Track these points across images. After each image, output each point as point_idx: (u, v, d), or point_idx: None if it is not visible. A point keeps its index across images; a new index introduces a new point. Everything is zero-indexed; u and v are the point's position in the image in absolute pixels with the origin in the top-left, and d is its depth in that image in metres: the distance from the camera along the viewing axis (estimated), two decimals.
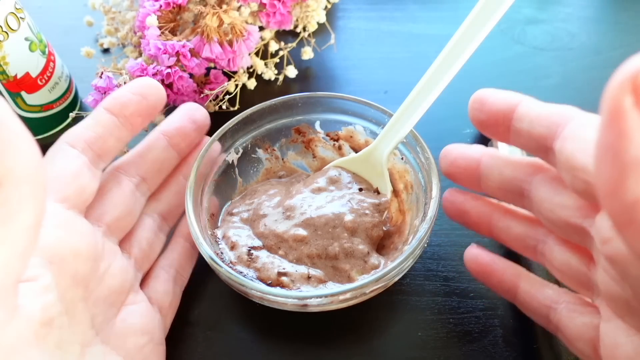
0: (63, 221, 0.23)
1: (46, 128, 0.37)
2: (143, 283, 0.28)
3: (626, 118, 0.13)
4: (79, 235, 0.23)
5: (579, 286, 0.23)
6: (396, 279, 0.26)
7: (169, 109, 0.35)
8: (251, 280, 0.26)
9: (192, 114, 0.30)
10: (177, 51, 0.34)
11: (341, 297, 0.24)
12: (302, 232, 0.28)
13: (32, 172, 0.17)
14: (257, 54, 0.41)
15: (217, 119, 0.34)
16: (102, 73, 0.34)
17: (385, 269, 0.25)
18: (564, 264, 0.23)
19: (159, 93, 0.27)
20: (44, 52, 0.36)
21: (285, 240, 0.28)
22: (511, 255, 0.27)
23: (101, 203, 0.26)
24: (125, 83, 0.34)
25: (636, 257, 0.17)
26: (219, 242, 0.29)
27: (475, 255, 0.26)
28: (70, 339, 0.21)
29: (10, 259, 0.17)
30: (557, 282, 0.25)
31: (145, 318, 0.26)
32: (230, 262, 0.28)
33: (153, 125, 0.35)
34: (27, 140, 0.17)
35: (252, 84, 0.40)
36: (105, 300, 0.24)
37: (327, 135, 0.34)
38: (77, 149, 0.25)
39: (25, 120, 0.36)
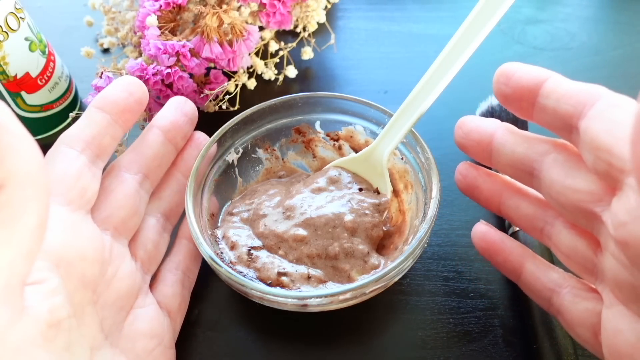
0: (69, 225, 0.23)
1: (46, 128, 0.37)
2: (151, 286, 0.28)
3: None
4: (85, 238, 0.24)
5: (583, 271, 0.22)
6: (396, 279, 0.26)
7: None
8: (251, 280, 0.26)
9: (182, 107, 0.30)
10: (177, 51, 0.34)
11: (341, 297, 0.24)
12: (302, 232, 0.28)
13: (34, 174, 0.17)
14: (257, 54, 0.41)
15: (217, 119, 0.34)
16: (102, 73, 0.34)
17: (385, 269, 0.25)
18: (570, 248, 0.23)
19: (143, 89, 0.28)
20: (44, 52, 0.36)
21: (285, 240, 0.28)
22: None
23: (107, 204, 0.26)
24: None
25: None
26: (219, 242, 0.29)
27: (484, 232, 0.26)
28: (79, 342, 0.21)
29: (15, 259, 0.17)
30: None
31: (154, 321, 0.26)
32: (230, 262, 0.28)
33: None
34: (29, 143, 0.17)
35: (252, 84, 0.40)
36: (114, 304, 0.24)
37: (327, 135, 0.34)
38: (75, 150, 0.25)
39: (25, 120, 0.36)
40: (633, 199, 0.18)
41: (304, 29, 0.42)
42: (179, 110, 0.30)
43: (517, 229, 0.30)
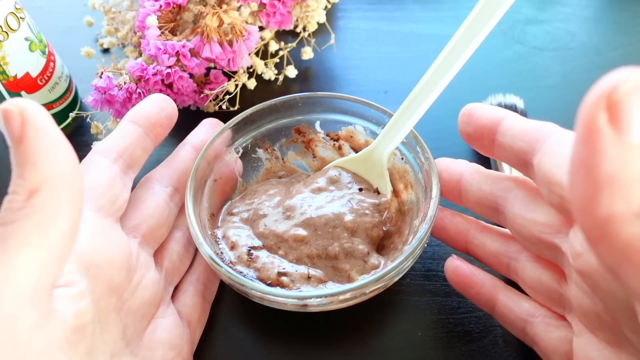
0: (99, 230, 0.23)
1: None
2: (172, 297, 0.28)
3: (600, 134, 0.13)
4: (114, 244, 0.24)
5: (551, 302, 0.23)
6: (396, 279, 0.26)
7: None
8: (251, 280, 0.26)
9: (215, 125, 0.32)
10: (177, 51, 0.34)
11: (341, 297, 0.24)
12: (302, 232, 0.28)
13: (69, 179, 0.17)
14: (257, 54, 0.41)
15: (217, 119, 0.34)
16: (102, 73, 0.34)
17: (385, 269, 0.25)
18: (536, 281, 0.23)
19: (172, 105, 0.29)
20: (44, 52, 0.36)
21: (285, 240, 0.28)
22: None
23: (137, 213, 0.27)
24: (125, 83, 0.34)
25: (607, 271, 0.17)
26: (219, 242, 0.29)
27: (455, 266, 0.27)
28: (100, 348, 0.21)
29: (46, 262, 0.17)
30: None
31: (174, 332, 0.26)
32: (230, 262, 0.28)
33: None
34: (66, 148, 0.18)
35: (252, 84, 0.40)
36: (137, 312, 0.25)
37: (327, 135, 0.34)
38: (108, 160, 0.26)
39: None
40: None
41: (304, 29, 0.42)
42: (212, 131, 0.32)
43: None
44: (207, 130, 0.32)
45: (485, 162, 0.34)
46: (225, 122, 0.32)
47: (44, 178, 0.17)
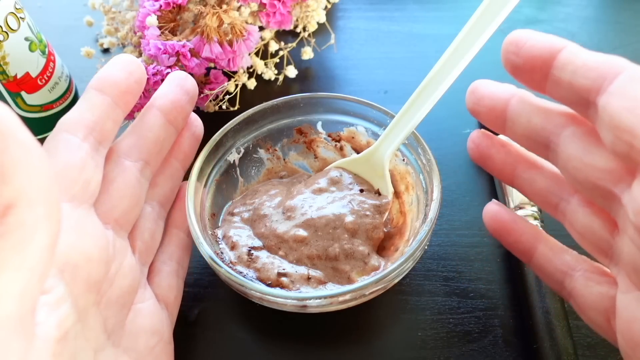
0: (73, 224, 0.22)
1: (46, 128, 0.37)
2: (147, 278, 0.27)
3: None
4: (90, 237, 0.22)
5: (598, 252, 0.21)
6: (396, 280, 0.26)
7: None
8: (251, 280, 0.26)
9: (183, 83, 0.28)
10: (177, 51, 0.34)
11: (341, 299, 0.24)
12: (302, 232, 0.28)
13: (45, 190, 0.15)
14: (257, 54, 0.41)
15: (217, 119, 0.34)
16: None
17: (385, 271, 0.25)
18: (586, 228, 0.21)
19: (141, 68, 0.26)
20: (44, 52, 0.36)
21: (285, 241, 0.28)
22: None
23: (108, 195, 0.24)
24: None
25: None
26: (219, 242, 0.29)
27: (495, 212, 0.25)
28: (83, 347, 0.21)
29: (28, 285, 0.15)
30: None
31: (154, 317, 0.25)
32: (230, 262, 0.28)
33: None
34: (38, 155, 0.15)
35: (252, 84, 0.40)
36: (117, 302, 0.23)
37: (329, 135, 0.34)
38: (77, 137, 0.23)
39: (25, 120, 0.36)
40: None
41: (304, 29, 0.42)
42: (180, 87, 0.28)
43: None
44: (175, 87, 0.28)
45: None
46: (225, 123, 0.32)
47: (18, 193, 0.14)
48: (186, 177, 0.30)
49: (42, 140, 0.37)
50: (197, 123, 0.30)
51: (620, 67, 0.18)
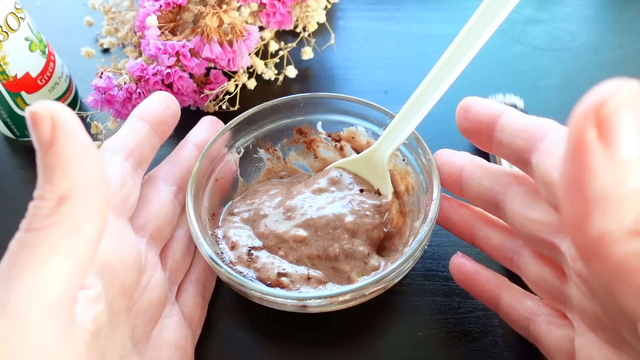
0: (113, 231, 0.23)
1: None
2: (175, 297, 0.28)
3: (590, 151, 0.13)
4: (127, 245, 0.24)
5: (553, 299, 0.23)
6: (396, 280, 0.26)
7: None
8: (251, 280, 0.26)
9: (215, 124, 0.32)
10: (177, 51, 0.34)
11: (341, 299, 0.24)
12: (302, 232, 0.28)
13: (97, 186, 0.17)
14: (257, 54, 0.41)
15: (218, 119, 0.34)
16: (102, 73, 0.34)
17: (385, 271, 0.25)
18: (538, 277, 0.23)
19: (176, 103, 0.29)
20: (44, 52, 0.36)
21: (285, 241, 0.28)
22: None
23: (144, 212, 0.26)
24: (125, 83, 0.34)
25: (601, 288, 0.17)
26: (220, 242, 0.29)
27: (460, 264, 0.27)
28: (111, 350, 0.21)
29: (74, 271, 0.17)
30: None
31: (179, 333, 0.26)
32: (230, 262, 0.28)
33: None
34: (95, 154, 0.17)
35: (252, 84, 0.40)
36: (146, 312, 0.25)
37: (329, 136, 0.34)
38: (120, 157, 0.25)
39: (25, 120, 0.36)
40: None
41: (304, 29, 0.42)
42: (212, 128, 0.32)
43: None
44: (208, 127, 0.32)
45: (486, 155, 0.34)
46: (225, 122, 0.32)
47: (74, 185, 0.16)
48: None
49: None
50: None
51: (548, 129, 0.20)
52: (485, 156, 0.34)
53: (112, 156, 0.25)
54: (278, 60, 0.41)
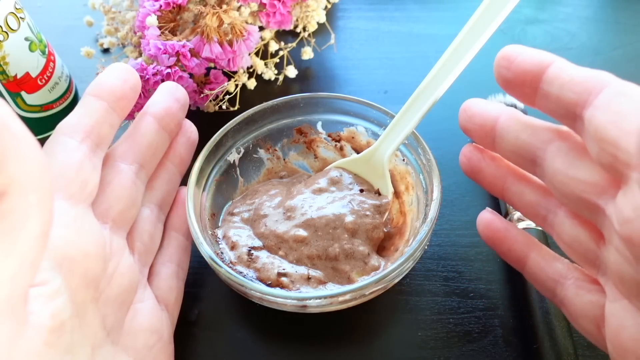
0: (71, 220, 0.22)
1: (46, 128, 0.37)
2: (147, 280, 0.27)
3: None
4: (87, 234, 0.23)
5: (585, 262, 0.22)
6: (396, 280, 0.26)
7: None
8: (251, 280, 0.26)
9: (173, 92, 0.30)
10: (177, 51, 0.34)
11: (341, 299, 0.24)
12: (302, 232, 0.28)
13: (37, 179, 0.16)
14: (257, 54, 0.41)
15: (217, 119, 0.34)
16: None
17: (385, 271, 0.25)
18: (573, 239, 0.22)
19: (136, 76, 0.27)
20: (44, 52, 0.36)
21: (285, 241, 0.28)
22: None
23: (105, 196, 0.25)
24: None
25: None
26: (219, 242, 0.29)
27: (489, 220, 0.26)
28: (80, 341, 0.21)
29: (19, 270, 0.16)
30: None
31: (154, 316, 0.26)
32: (230, 262, 0.28)
33: None
34: (31, 144, 0.16)
35: (252, 84, 0.40)
36: (116, 300, 0.24)
37: (329, 136, 0.34)
38: (75, 140, 0.24)
39: (25, 120, 0.36)
40: (639, 196, 0.17)
41: (304, 29, 0.42)
42: (171, 96, 0.29)
43: (515, 215, 0.31)
44: (167, 95, 0.29)
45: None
46: (225, 123, 0.32)
47: (10, 180, 0.15)
48: (184, 181, 0.30)
49: (42, 141, 0.37)
50: (191, 129, 0.31)
51: (605, 81, 0.19)
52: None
53: (66, 139, 0.24)
54: (278, 60, 0.41)
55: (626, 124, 0.18)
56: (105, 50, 0.45)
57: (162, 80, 0.34)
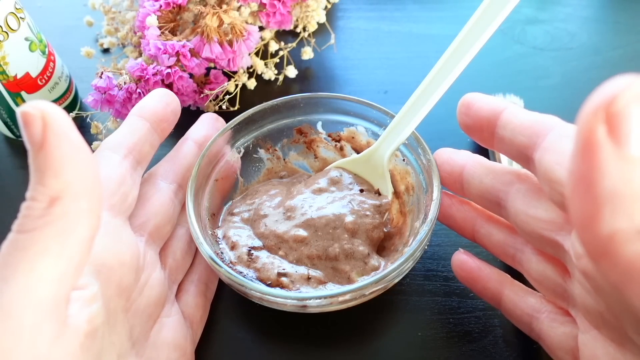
0: (110, 230, 0.23)
1: None
2: (175, 296, 0.28)
3: (599, 148, 0.13)
4: (124, 244, 0.24)
5: (555, 296, 0.23)
6: (396, 280, 0.26)
7: None
8: (251, 280, 0.26)
9: (214, 123, 0.32)
10: (177, 51, 0.34)
11: (341, 299, 0.24)
12: (302, 232, 0.28)
13: (90, 186, 0.17)
14: (257, 54, 0.41)
15: (218, 115, 0.34)
16: (102, 73, 0.34)
17: (385, 271, 0.25)
18: (540, 274, 0.23)
19: (177, 101, 0.29)
20: (44, 52, 0.36)
21: (285, 241, 0.28)
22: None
23: (143, 210, 0.26)
24: (125, 83, 0.34)
25: (610, 288, 0.17)
26: (220, 242, 0.29)
27: (462, 261, 0.27)
28: (108, 349, 0.21)
29: (66, 272, 0.17)
30: None
31: (178, 332, 0.26)
32: (230, 262, 0.28)
33: None
34: (86, 154, 0.17)
35: (252, 84, 0.40)
36: (144, 312, 0.24)
37: (329, 136, 0.34)
38: (119, 155, 0.25)
39: None
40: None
41: (304, 29, 0.42)
42: (212, 126, 0.32)
43: None
44: (208, 125, 0.32)
45: (485, 151, 0.34)
46: (225, 122, 0.32)
47: (66, 186, 0.16)
48: None
49: None
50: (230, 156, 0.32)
51: (550, 125, 0.20)
52: (485, 153, 0.34)
53: (110, 154, 0.25)
54: (278, 60, 0.41)
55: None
56: (105, 50, 0.45)
57: (162, 81, 0.34)
